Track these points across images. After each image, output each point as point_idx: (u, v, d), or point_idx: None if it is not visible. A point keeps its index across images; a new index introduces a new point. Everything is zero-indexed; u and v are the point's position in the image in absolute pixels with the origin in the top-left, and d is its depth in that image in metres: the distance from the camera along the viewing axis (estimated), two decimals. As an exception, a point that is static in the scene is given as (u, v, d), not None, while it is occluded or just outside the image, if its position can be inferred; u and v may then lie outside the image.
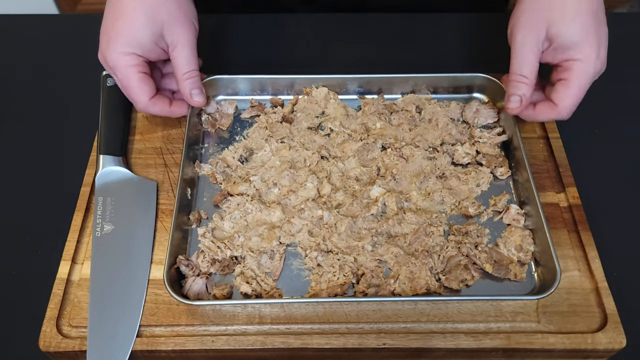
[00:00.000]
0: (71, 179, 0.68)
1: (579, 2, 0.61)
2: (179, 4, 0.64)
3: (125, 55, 0.63)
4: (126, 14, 0.62)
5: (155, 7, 0.62)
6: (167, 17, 0.63)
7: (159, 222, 0.63)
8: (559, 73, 0.63)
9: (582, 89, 0.62)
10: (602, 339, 0.54)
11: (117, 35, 0.62)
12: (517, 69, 0.64)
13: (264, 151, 0.69)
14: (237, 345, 0.54)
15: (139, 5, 0.62)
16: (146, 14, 0.62)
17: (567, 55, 0.62)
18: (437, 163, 0.68)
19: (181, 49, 0.65)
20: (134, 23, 0.62)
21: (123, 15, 0.62)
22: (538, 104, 0.65)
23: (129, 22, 0.62)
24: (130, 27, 0.62)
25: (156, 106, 0.66)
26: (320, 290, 0.58)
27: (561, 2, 0.61)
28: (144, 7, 0.62)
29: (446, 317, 0.56)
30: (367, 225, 0.62)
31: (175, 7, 0.64)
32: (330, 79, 0.74)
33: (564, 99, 0.62)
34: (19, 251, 0.64)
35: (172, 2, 0.63)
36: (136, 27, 0.62)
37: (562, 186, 0.65)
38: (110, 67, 0.64)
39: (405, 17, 0.90)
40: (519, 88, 0.64)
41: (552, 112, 0.64)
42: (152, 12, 0.62)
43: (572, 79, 0.62)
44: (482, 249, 0.60)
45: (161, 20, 0.63)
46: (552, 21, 0.61)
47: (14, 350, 0.58)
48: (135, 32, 0.62)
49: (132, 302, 0.57)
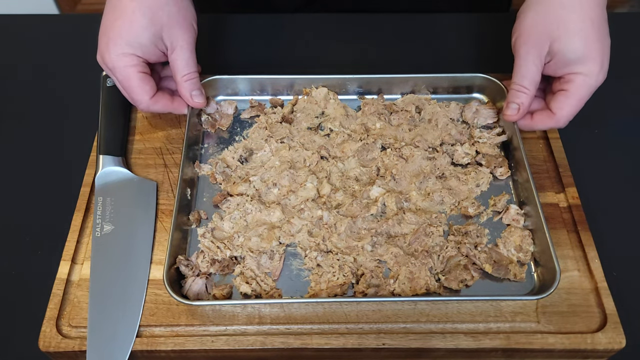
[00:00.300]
0: (71, 179, 0.68)
1: (582, 17, 0.61)
2: (178, 6, 0.64)
3: (125, 56, 0.63)
4: (125, 15, 0.62)
5: (155, 9, 0.62)
6: (166, 20, 0.63)
7: (158, 222, 0.63)
8: (561, 84, 0.63)
9: (582, 100, 0.62)
10: (602, 339, 0.54)
11: (116, 36, 0.62)
12: (518, 80, 0.64)
13: (263, 151, 0.69)
14: (236, 346, 0.54)
15: (138, 7, 0.62)
16: (145, 15, 0.62)
17: (569, 69, 0.62)
18: (437, 163, 0.68)
19: (180, 52, 0.65)
20: (133, 24, 0.62)
21: (122, 16, 0.62)
22: (536, 113, 0.66)
23: (128, 23, 0.62)
24: (129, 28, 0.62)
25: (158, 104, 0.66)
26: (320, 291, 0.58)
27: (565, 16, 0.61)
28: (143, 9, 0.62)
29: (446, 317, 0.56)
30: (366, 226, 0.62)
31: (175, 10, 0.64)
32: (330, 79, 0.74)
33: (562, 108, 0.63)
34: (19, 251, 0.64)
35: (172, 5, 0.63)
36: (136, 28, 0.62)
37: (562, 186, 0.65)
38: (109, 68, 0.64)
39: (405, 17, 0.90)
40: (518, 97, 0.64)
41: (550, 120, 0.64)
42: (151, 14, 0.62)
43: (573, 90, 0.62)
44: (482, 249, 0.60)
45: (161, 22, 0.63)
46: (555, 36, 0.61)
47: (14, 350, 0.58)
48: (135, 33, 0.62)
49: (132, 302, 0.57)
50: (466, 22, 0.89)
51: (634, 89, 0.80)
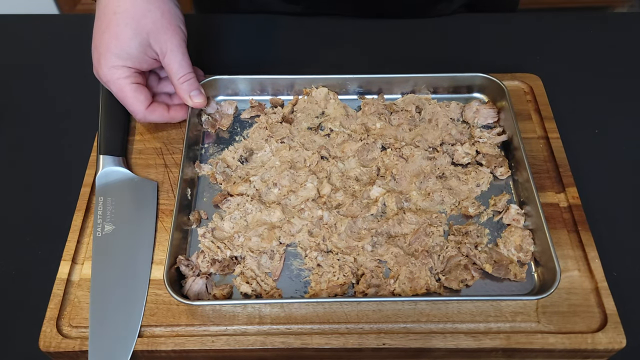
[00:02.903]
0: (71, 179, 0.68)
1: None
2: (162, 11, 0.64)
3: (117, 69, 0.63)
4: (111, 27, 0.62)
5: (138, 18, 0.62)
6: (152, 27, 0.63)
7: (159, 223, 0.63)
8: None
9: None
10: (602, 339, 0.54)
11: (105, 50, 0.63)
12: None
13: (264, 151, 0.69)
14: (237, 346, 0.54)
15: (122, 18, 0.62)
16: (129, 26, 0.62)
17: None
18: (437, 163, 0.68)
19: (172, 55, 0.65)
20: (119, 36, 0.62)
21: (109, 30, 0.62)
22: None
23: (114, 36, 0.62)
24: (116, 41, 0.62)
25: (154, 114, 0.67)
26: (320, 291, 0.58)
27: None
28: (127, 20, 0.62)
29: (446, 317, 0.56)
30: (367, 226, 0.62)
31: (159, 15, 0.63)
32: (330, 79, 0.74)
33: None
34: (19, 251, 0.64)
35: (154, 11, 0.63)
36: (122, 40, 0.62)
37: (562, 186, 0.65)
38: (104, 81, 0.65)
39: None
40: None
41: None
42: (135, 24, 0.62)
43: None
44: (482, 249, 0.60)
45: (146, 30, 0.63)
46: None
47: (14, 350, 0.58)
48: (122, 45, 0.62)
49: (133, 302, 0.57)
50: (466, 22, 0.89)
51: (634, 89, 0.80)
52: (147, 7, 0.63)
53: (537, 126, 0.72)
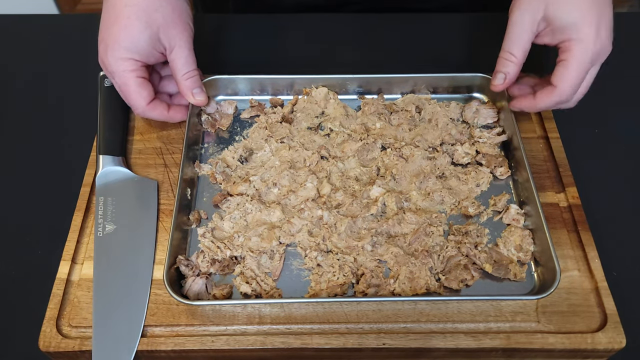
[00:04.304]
0: (71, 179, 0.68)
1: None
2: (173, 6, 0.64)
3: (124, 60, 0.63)
4: (121, 20, 0.62)
5: (150, 11, 0.62)
6: (162, 21, 0.63)
7: (159, 222, 0.63)
8: (559, 55, 0.63)
9: (582, 69, 0.61)
10: (602, 338, 0.54)
11: (113, 42, 0.62)
12: (507, 47, 0.64)
13: (263, 151, 0.69)
14: (237, 345, 0.54)
15: (133, 11, 0.62)
16: (141, 19, 0.62)
17: (565, 35, 0.61)
18: (437, 163, 0.68)
19: (179, 51, 0.65)
20: (129, 29, 0.62)
21: (118, 21, 0.62)
22: (538, 92, 0.65)
23: (124, 28, 0.62)
24: (126, 33, 0.62)
25: (154, 111, 0.67)
26: (320, 290, 0.58)
27: None
28: (138, 13, 0.62)
29: (446, 317, 0.56)
30: (366, 225, 0.62)
31: (170, 10, 0.64)
32: (330, 79, 0.74)
33: (562, 79, 0.61)
34: (19, 251, 0.64)
35: (166, 6, 0.63)
36: (132, 32, 0.62)
37: (562, 186, 0.65)
38: (109, 72, 0.64)
39: (405, 17, 0.90)
40: (505, 65, 0.64)
41: (553, 95, 0.62)
42: (146, 17, 0.62)
43: (571, 58, 0.61)
44: (482, 249, 0.60)
45: (157, 24, 0.63)
46: (550, 1, 0.61)
47: (14, 350, 0.58)
48: (132, 38, 0.62)
49: (136, 301, 0.57)
50: (466, 22, 0.89)
51: (634, 88, 0.80)
52: (159, 2, 0.63)
53: (537, 126, 0.72)
